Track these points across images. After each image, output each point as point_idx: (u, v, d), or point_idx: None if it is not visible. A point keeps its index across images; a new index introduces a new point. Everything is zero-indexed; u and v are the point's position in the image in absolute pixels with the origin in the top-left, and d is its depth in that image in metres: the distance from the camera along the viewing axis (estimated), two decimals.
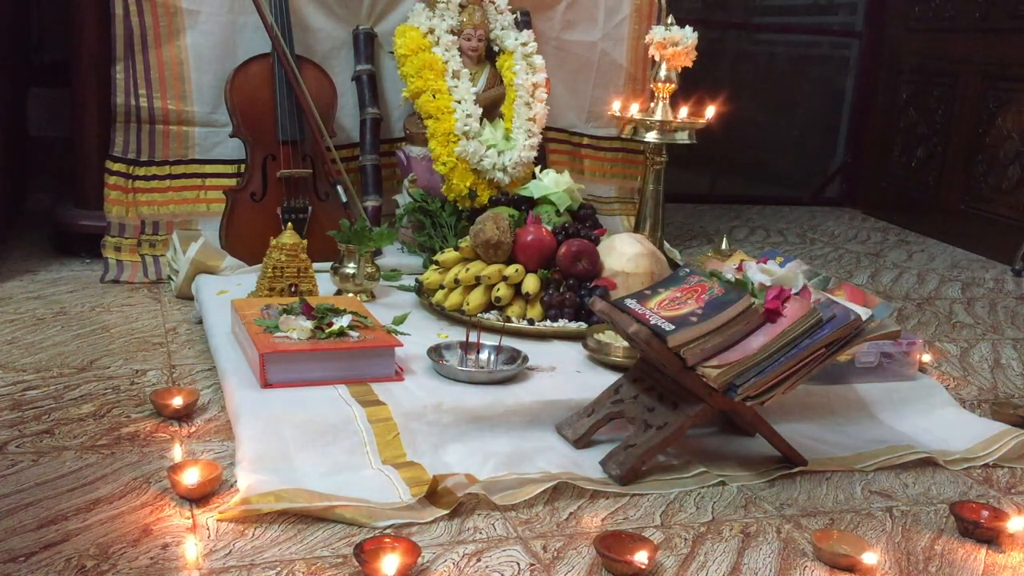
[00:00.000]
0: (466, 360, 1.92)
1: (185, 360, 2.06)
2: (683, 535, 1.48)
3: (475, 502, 1.52)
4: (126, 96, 2.66)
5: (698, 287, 1.70)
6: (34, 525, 1.37)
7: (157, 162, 2.71)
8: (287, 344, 1.76)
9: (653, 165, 2.74)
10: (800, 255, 3.40)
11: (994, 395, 2.20)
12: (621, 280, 2.18)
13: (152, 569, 1.29)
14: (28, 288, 2.49)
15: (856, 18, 4.68)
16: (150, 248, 2.69)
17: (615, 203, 3.33)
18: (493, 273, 2.17)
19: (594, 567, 1.37)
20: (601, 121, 3.22)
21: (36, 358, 2.01)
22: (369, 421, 1.66)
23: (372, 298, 2.33)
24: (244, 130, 2.64)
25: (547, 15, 3.09)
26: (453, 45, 2.73)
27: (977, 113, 3.86)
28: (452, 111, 2.63)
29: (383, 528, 1.43)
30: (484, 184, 2.65)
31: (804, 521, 1.55)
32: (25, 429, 1.68)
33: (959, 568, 1.45)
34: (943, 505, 1.63)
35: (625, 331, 1.65)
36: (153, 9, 2.64)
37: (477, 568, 1.35)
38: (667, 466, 1.68)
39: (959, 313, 2.87)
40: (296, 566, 1.32)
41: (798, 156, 4.91)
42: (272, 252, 2.15)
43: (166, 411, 1.75)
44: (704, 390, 1.60)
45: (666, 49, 2.64)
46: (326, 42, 2.87)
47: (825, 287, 2.19)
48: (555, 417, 1.78)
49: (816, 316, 1.60)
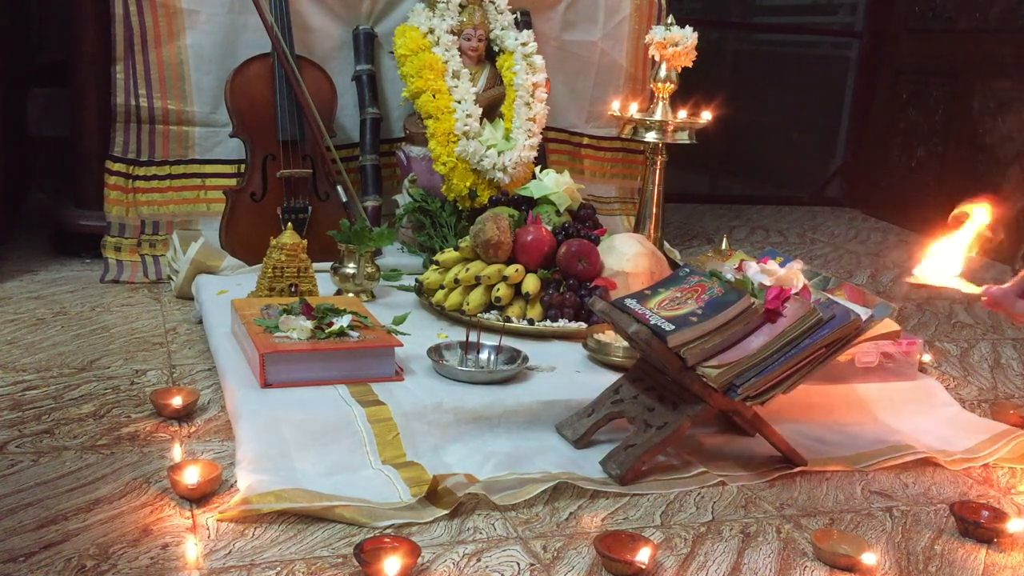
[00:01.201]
0: (466, 360, 1.92)
1: (185, 360, 2.06)
2: (683, 535, 1.48)
3: (475, 502, 1.52)
4: (126, 96, 2.66)
5: (698, 287, 1.70)
6: (34, 525, 1.37)
7: (157, 162, 2.71)
8: (287, 344, 1.76)
9: (653, 165, 2.74)
10: (800, 255, 3.40)
11: (994, 395, 2.20)
12: (621, 280, 2.18)
13: (152, 569, 1.29)
14: (28, 288, 2.49)
15: (856, 18, 4.68)
16: (150, 248, 2.69)
17: (615, 203, 3.33)
18: (493, 273, 2.17)
19: (594, 567, 1.37)
20: (601, 121, 3.22)
21: (36, 358, 2.01)
22: (369, 421, 1.66)
23: (372, 298, 2.33)
24: (244, 130, 2.64)
25: (547, 15, 3.09)
26: (453, 45, 2.73)
27: (977, 113, 3.86)
28: (452, 111, 2.63)
29: (383, 528, 1.43)
30: (484, 184, 2.65)
31: (804, 521, 1.55)
32: (25, 429, 1.68)
33: (959, 568, 1.45)
34: (943, 505, 1.63)
35: (625, 331, 1.65)
36: (153, 9, 2.64)
37: (477, 568, 1.35)
38: (667, 466, 1.68)
39: (959, 313, 2.87)
40: (296, 566, 1.32)
41: (798, 156, 4.91)
42: (272, 252, 2.15)
43: (166, 411, 1.75)
44: (704, 390, 1.60)
45: (666, 49, 2.64)
46: (326, 42, 2.87)
47: (825, 287, 2.19)
48: (555, 417, 1.78)
49: (816, 316, 1.60)
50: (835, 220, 4.35)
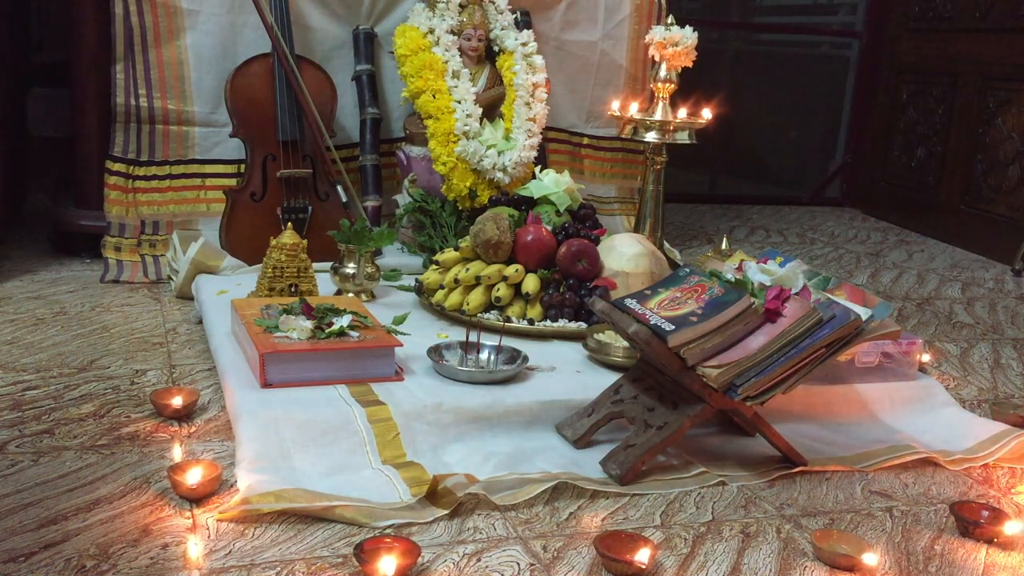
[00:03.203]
0: (466, 360, 1.92)
1: (185, 360, 2.06)
2: (683, 535, 1.48)
3: (475, 502, 1.52)
4: (126, 96, 2.66)
5: (698, 287, 1.70)
6: (34, 525, 1.37)
7: (157, 162, 2.71)
8: (287, 344, 1.76)
9: (653, 165, 2.74)
10: (800, 255, 3.40)
11: (994, 395, 2.20)
12: (621, 280, 2.18)
13: (152, 569, 1.29)
14: (28, 288, 2.49)
15: (856, 18, 4.68)
16: (150, 248, 2.69)
17: (615, 203, 3.33)
18: (493, 273, 2.17)
19: (594, 567, 1.37)
20: (601, 121, 3.22)
21: (36, 358, 2.01)
22: (369, 421, 1.66)
23: (372, 298, 2.33)
24: (244, 130, 2.64)
25: (547, 15, 3.10)
26: (453, 45, 2.74)
27: (977, 113, 3.86)
28: (452, 111, 2.63)
29: (383, 528, 1.43)
30: (484, 184, 2.65)
31: (804, 521, 1.55)
32: (25, 429, 1.68)
33: (959, 568, 1.45)
34: (943, 505, 1.63)
35: (625, 331, 1.65)
36: (153, 9, 2.64)
37: (477, 568, 1.35)
38: (667, 466, 1.68)
39: (959, 313, 2.87)
40: (296, 566, 1.32)
41: (798, 156, 4.91)
42: (272, 252, 2.15)
43: (166, 411, 1.75)
44: (704, 390, 1.60)
45: (666, 49, 2.64)
46: (326, 42, 2.87)
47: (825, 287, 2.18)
48: (555, 417, 1.78)
49: (816, 316, 1.60)
50: (835, 220, 4.35)
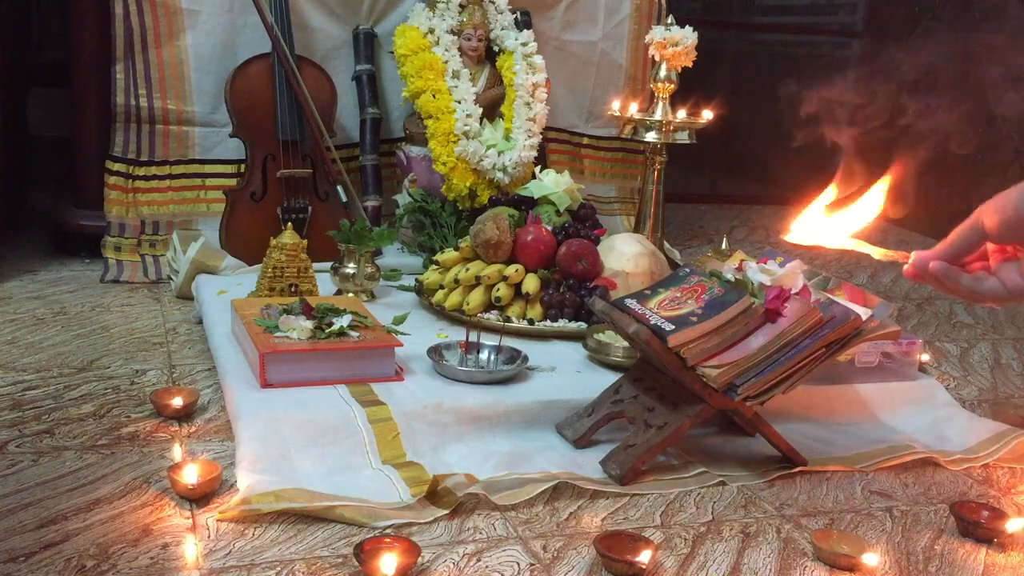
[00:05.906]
0: (466, 360, 1.92)
1: (185, 360, 2.06)
2: (683, 535, 1.48)
3: (475, 502, 1.52)
4: (126, 96, 2.66)
5: (698, 287, 1.70)
6: (34, 525, 1.37)
7: (157, 162, 2.71)
8: (287, 344, 1.76)
9: (653, 165, 2.74)
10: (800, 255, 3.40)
11: (994, 395, 2.20)
12: (621, 280, 2.18)
13: (152, 569, 1.29)
14: (28, 288, 2.49)
15: (856, 18, 4.67)
16: (150, 248, 2.69)
17: (615, 203, 3.33)
18: (493, 273, 2.17)
19: (594, 567, 1.37)
20: (601, 121, 3.22)
21: (36, 358, 2.01)
22: (369, 421, 1.66)
23: (372, 298, 2.33)
24: (244, 130, 2.64)
25: (547, 15, 3.09)
26: (453, 45, 2.73)
27: (977, 113, 3.86)
28: (452, 111, 2.63)
29: (383, 528, 1.43)
30: (484, 184, 2.65)
31: (804, 521, 1.55)
32: (25, 429, 1.68)
33: (959, 568, 1.45)
34: (943, 505, 1.63)
35: (625, 331, 1.65)
36: (153, 9, 2.64)
37: (477, 568, 1.35)
38: (667, 466, 1.68)
39: (959, 313, 2.87)
40: (296, 566, 1.32)
41: (798, 156, 4.91)
42: (272, 252, 2.15)
43: (166, 411, 1.75)
44: (704, 390, 1.60)
45: (666, 49, 2.64)
46: (326, 42, 2.87)
47: (825, 287, 2.18)
48: (555, 417, 1.78)
49: (816, 316, 1.60)
50: None
